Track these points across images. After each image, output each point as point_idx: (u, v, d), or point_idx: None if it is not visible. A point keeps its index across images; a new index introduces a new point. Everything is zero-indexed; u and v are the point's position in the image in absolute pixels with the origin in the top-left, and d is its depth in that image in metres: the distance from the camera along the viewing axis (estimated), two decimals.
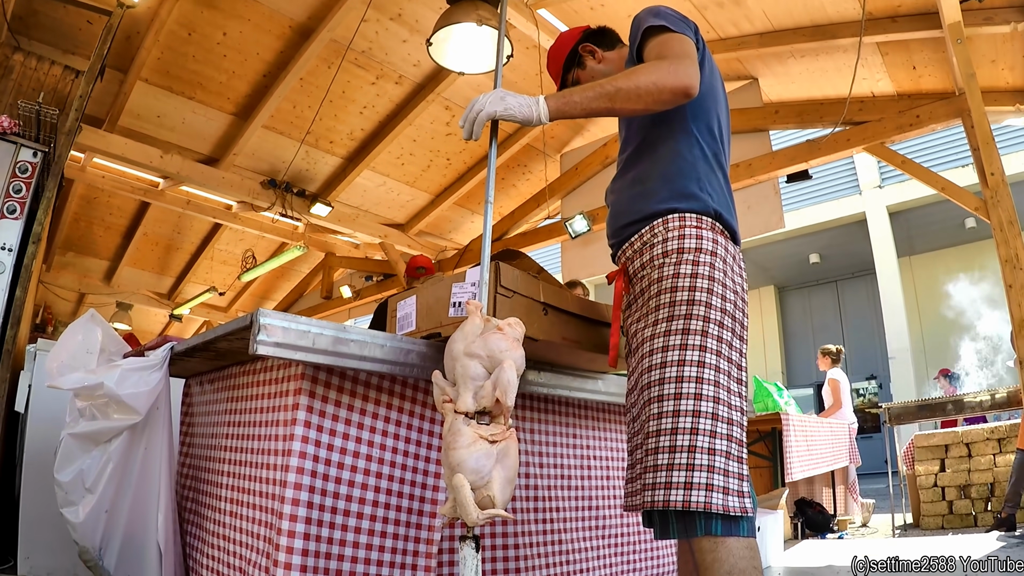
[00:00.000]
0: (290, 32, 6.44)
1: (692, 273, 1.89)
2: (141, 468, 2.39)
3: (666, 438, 1.74)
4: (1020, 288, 5.26)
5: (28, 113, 4.41)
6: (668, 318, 1.86)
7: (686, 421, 1.74)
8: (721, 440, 1.74)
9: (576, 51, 2.45)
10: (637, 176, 2.12)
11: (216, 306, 12.85)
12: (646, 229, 2.02)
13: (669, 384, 1.79)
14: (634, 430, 1.96)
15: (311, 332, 1.80)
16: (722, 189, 2.08)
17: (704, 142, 2.09)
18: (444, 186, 9.22)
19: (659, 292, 1.91)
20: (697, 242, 1.94)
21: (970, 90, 5.58)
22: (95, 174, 8.07)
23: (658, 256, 1.96)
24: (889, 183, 14.26)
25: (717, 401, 1.77)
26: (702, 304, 1.86)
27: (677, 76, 1.90)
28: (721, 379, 1.81)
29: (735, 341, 1.91)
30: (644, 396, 1.85)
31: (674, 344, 1.82)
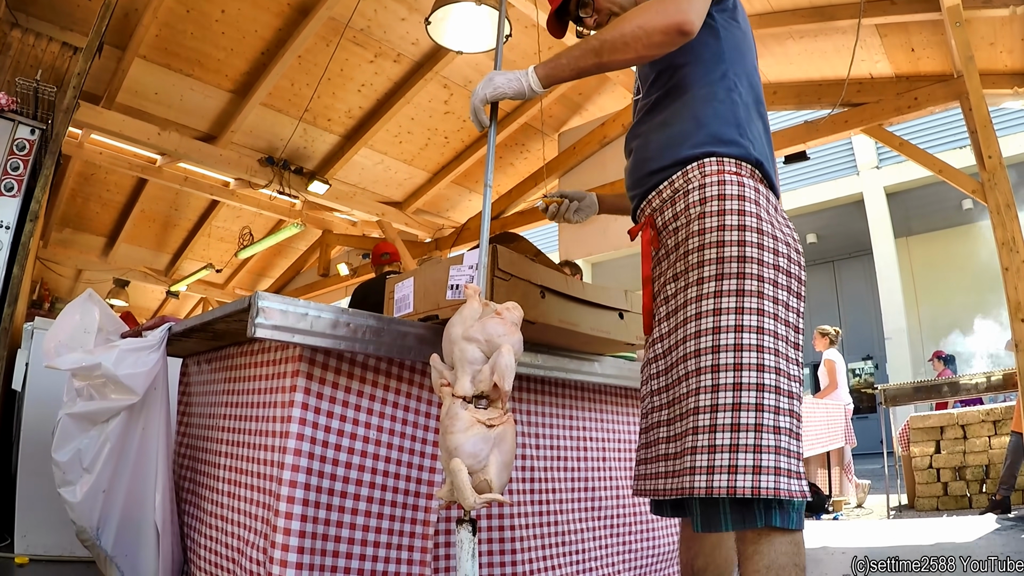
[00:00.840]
0: (288, 9, 6.41)
1: (739, 224, 1.68)
2: (139, 448, 2.40)
3: (726, 414, 1.55)
4: (1016, 271, 5.28)
5: (26, 90, 4.39)
6: (716, 276, 1.65)
7: (750, 396, 1.55)
8: (784, 417, 1.58)
9: None
10: (667, 119, 1.89)
11: (213, 283, 12.84)
12: (678, 175, 1.82)
13: (726, 353, 1.59)
14: (661, 402, 1.78)
15: (309, 315, 1.81)
16: (763, 139, 1.89)
17: (743, 87, 1.89)
18: (442, 164, 9.20)
19: (701, 246, 1.70)
20: (739, 188, 1.72)
21: (968, 73, 5.57)
22: (92, 150, 8.04)
23: (695, 204, 1.75)
24: (887, 164, 14.26)
25: (779, 372, 1.60)
26: (754, 261, 1.65)
27: (666, 13, 1.69)
28: (780, 347, 1.63)
29: (792, 300, 1.72)
30: (689, 366, 1.64)
31: (727, 307, 1.62)
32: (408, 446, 2.09)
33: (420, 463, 2.11)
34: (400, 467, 2.06)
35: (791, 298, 1.71)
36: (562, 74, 1.83)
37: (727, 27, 1.91)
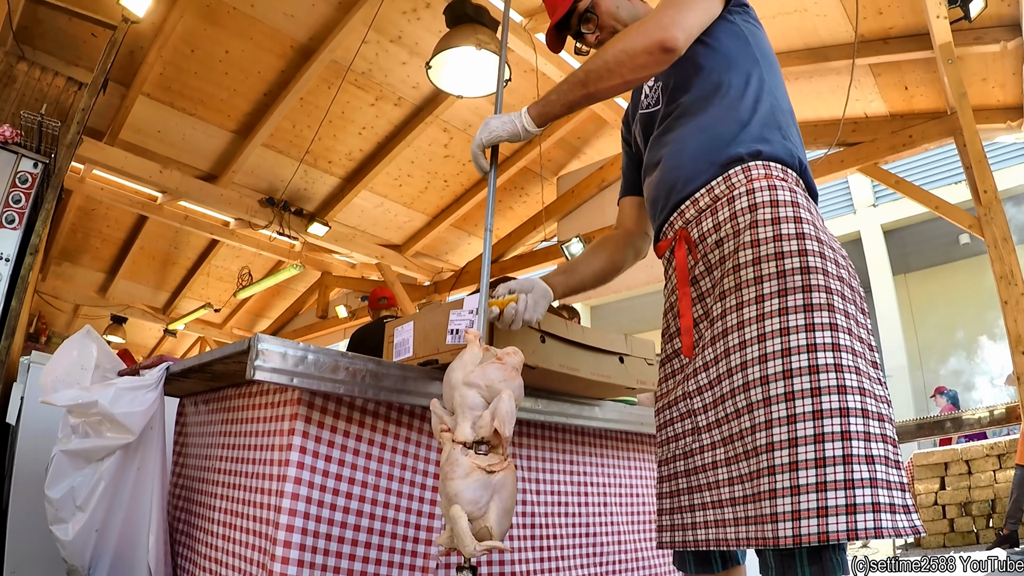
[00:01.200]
0: (291, 52, 6.50)
1: (798, 233, 1.51)
2: (133, 488, 2.38)
3: (808, 448, 1.36)
4: (1015, 303, 5.30)
5: (30, 124, 4.42)
6: (779, 292, 1.47)
7: (833, 424, 1.36)
8: (877, 444, 1.38)
9: None
10: (703, 123, 1.75)
11: (211, 322, 12.84)
12: (719, 180, 1.67)
13: (800, 378, 1.40)
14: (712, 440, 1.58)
15: (309, 358, 1.81)
16: (803, 147, 1.77)
17: (779, 92, 1.79)
18: (441, 208, 9.25)
19: (756, 259, 1.53)
20: (791, 195, 1.58)
21: (962, 109, 5.64)
22: (94, 186, 8.10)
23: (743, 211, 1.59)
24: (883, 202, 14.34)
25: (863, 393, 1.40)
26: (819, 272, 1.48)
27: (646, 33, 1.62)
28: (861, 364, 1.44)
29: (860, 316, 1.55)
30: (753, 396, 1.46)
31: (795, 325, 1.44)
32: (407, 491, 2.08)
33: (420, 509, 2.09)
34: (399, 513, 2.05)
35: (859, 313, 1.56)
36: (553, 110, 1.77)
37: (752, 31, 1.85)
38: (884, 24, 5.65)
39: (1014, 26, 5.36)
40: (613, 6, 1.99)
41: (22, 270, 4.12)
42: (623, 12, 1.99)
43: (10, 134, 4.19)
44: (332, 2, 6.01)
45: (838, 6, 5.53)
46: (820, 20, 5.74)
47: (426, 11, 6.12)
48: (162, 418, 2.42)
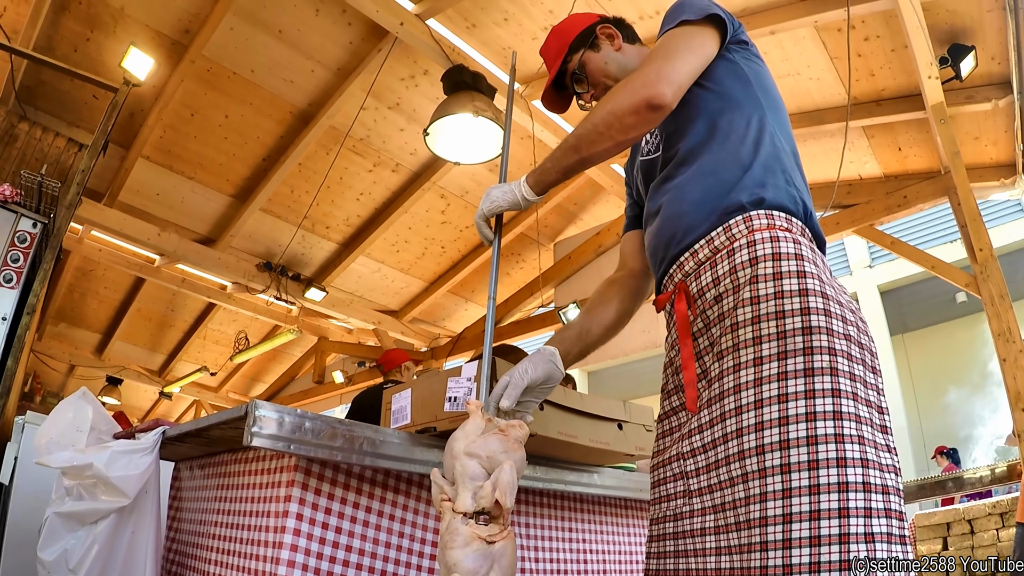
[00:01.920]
0: (290, 117, 6.58)
1: (800, 289, 1.42)
2: (127, 552, 2.35)
3: (802, 525, 1.27)
4: (1014, 361, 5.29)
5: (30, 183, 4.46)
6: (779, 355, 1.39)
7: (831, 500, 1.27)
8: (879, 520, 1.28)
9: (593, 31, 2.02)
10: (703, 168, 1.68)
11: (207, 386, 12.79)
12: (719, 231, 1.59)
13: (797, 449, 1.32)
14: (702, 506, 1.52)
15: (306, 424, 1.80)
16: (807, 191, 1.70)
17: (781, 134, 1.72)
18: (438, 274, 9.28)
19: (755, 318, 1.45)
20: (795, 247, 1.48)
21: (955, 168, 5.70)
22: (92, 247, 8.14)
23: (743, 265, 1.51)
24: (879, 262, 14.41)
25: (865, 464, 1.31)
26: (822, 332, 1.38)
27: (632, 92, 1.58)
28: (865, 432, 1.34)
29: (869, 376, 1.44)
30: (748, 465, 1.38)
31: (794, 391, 1.35)
32: (405, 559, 2.05)
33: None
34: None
35: (868, 373, 1.44)
36: (549, 178, 1.75)
37: (752, 67, 1.81)
38: (876, 86, 5.74)
39: (1005, 84, 5.44)
40: (602, 62, 1.99)
41: (18, 329, 4.12)
42: (612, 67, 1.99)
43: (10, 193, 4.23)
44: (331, 68, 6.11)
45: (831, 69, 5.62)
46: (813, 83, 5.83)
47: (424, 78, 6.22)
48: (157, 482, 2.40)
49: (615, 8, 5.25)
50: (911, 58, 5.06)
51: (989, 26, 5.03)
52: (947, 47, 5.13)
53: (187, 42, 5.76)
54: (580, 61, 2.00)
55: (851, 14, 4.86)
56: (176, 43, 5.77)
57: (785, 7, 5.12)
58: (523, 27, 5.59)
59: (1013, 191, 6.31)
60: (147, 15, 5.51)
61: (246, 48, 5.85)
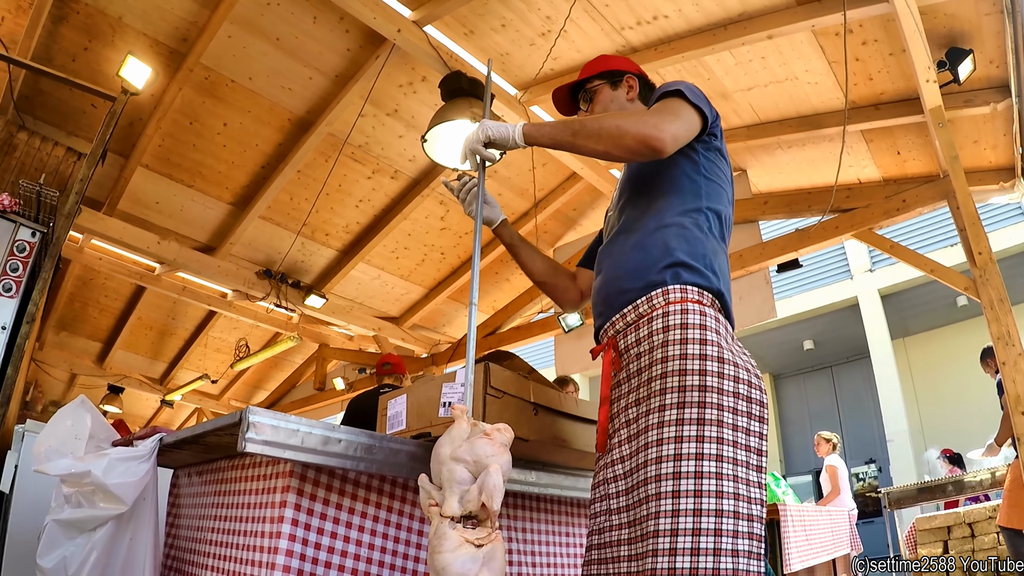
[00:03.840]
0: (289, 125, 6.58)
1: (701, 354, 1.75)
2: (125, 559, 2.35)
3: (686, 539, 1.59)
4: (1014, 364, 5.28)
5: (29, 193, 4.45)
6: (678, 404, 1.70)
7: (708, 522, 1.60)
8: (743, 540, 1.62)
9: (623, 75, 2.36)
10: (639, 242, 1.99)
11: (208, 393, 12.78)
12: (643, 300, 1.89)
13: (687, 480, 1.63)
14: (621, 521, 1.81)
15: (300, 431, 1.80)
16: (726, 273, 1.99)
17: (714, 222, 2.01)
18: (438, 280, 9.29)
19: (663, 374, 1.76)
20: (701, 318, 1.81)
21: (954, 172, 5.69)
22: (92, 255, 8.14)
23: (658, 331, 1.82)
24: (880, 266, 14.38)
25: (737, 498, 1.64)
26: (715, 390, 1.71)
27: (644, 124, 1.85)
28: (740, 472, 1.67)
29: (753, 425, 1.76)
30: (650, 490, 1.68)
31: (688, 435, 1.67)
32: (400, 564, 2.05)
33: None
34: None
35: (752, 422, 1.76)
36: (541, 139, 2.01)
37: (710, 166, 2.07)
38: (875, 90, 5.75)
39: (1003, 87, 5.44)
40: (609, 100, 2.32)
41: (18, 339, 4.11)
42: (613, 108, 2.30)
43: (9, 203, 4.22)
44: (329, 76, 6.12)
45: (829, 74, 5.63)
46: (811, 88, 5.84)
47: (422, 85, 6.23)
48: (155, 489, 2.40)
49: (612, 13, 5.27)
50: (909, 62, 5.06)
51: (987, 30, 5.03)
52: (945, 51, 5.12)
53: (185, 50, 5.77)
54: (596, 88, 2.34)
55: (848, 18, 4.87)
56: (174, 52, 5.78)
57: (783, 12, 5.12)
58: (520, 33, 5.60)
59: (1012, 195, 6.30)
60: (145, 24, 5.52)
61: (244, 56, 5.86)
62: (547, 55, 5.70)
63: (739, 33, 5.24)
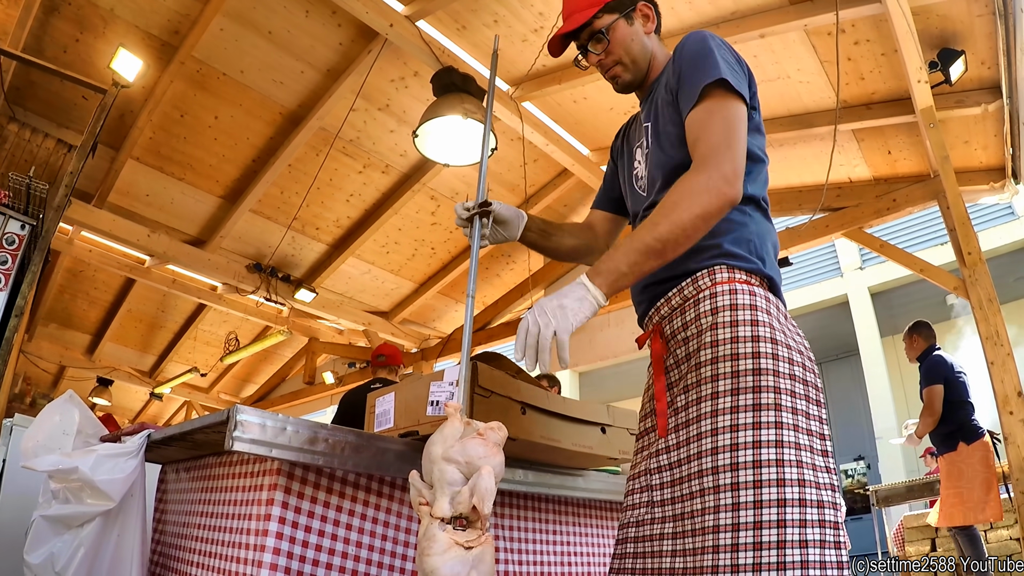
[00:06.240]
0: (280, 119, 6.57)
1: (752, 335, 1.64)
2: (113, 555, 2.34)
3: (748, 533, 1.49)
4: (1002, 364, 5.31)
5: (18, 185, 4.43)
6: (732, 391, 1.61)
7: (771, 513, 1.49)
8: (814, 529, 1.49)
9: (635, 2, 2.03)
10: None
11: (198, 387, 12.77)
12: (687, 282, 1.79)
13: (745, 470, 1.53)
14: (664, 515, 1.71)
15: (288, 429, 1.80)
16: (773, 258, 1.87)
17: (758, 202, 1.88)
18: (428, 275, 9.29)
19: (714, 359, 1.66)
20: (751, 298, 1.70)
21: (944, 172, 5.71)
22: (82, 248, 8.12)
23: (706, 313, 1.72)
24: (870, 264, 14.42)
25: (803, 484, 1.52)
26: (770, 373, 1.61)
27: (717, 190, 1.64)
28: (804, 457, 1.56)
29: (812, 409, 1.66)
30: (706, 482, 1.58)
31: (744, 423, 1.57)
32: (387, 562, 2.05)
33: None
34: None
35: (811, 406, 1.66)
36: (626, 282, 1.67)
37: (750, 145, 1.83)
38: (866, 89, 5.76)
39: (995, 88, 5.46)
40: (629, 37, 2.00)
41: (7, 332, 4.11)
42: (636, 47, 2.02)
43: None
44: (320, 70, 6.11)
45: (820, 73, 5.64)
46: (803, 87, 5.85)
47: (414, 80, 6.22)
48: (143, 485, 2.40)
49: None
50: (901, 62, 5.07)
51: (979, 31, 5.05)
52: (937, 51, 5.14)
53: (177, 43, 5.75)
54: (611, 25, 1.98)
55: (841, 18, 4.88)
56: (166, 44, 5.76)
57: (775, 11, 5.13)
58: (513, 29, 5.59)
59: (1002, 195, 6.32)
60: (136, 16, 5.50)
61: (236, 49, 5.84)
62: (540, 51, 5.69)
63: (732, 32, 5.25)
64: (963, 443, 5.80)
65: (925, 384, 5.99)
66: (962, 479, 5.75)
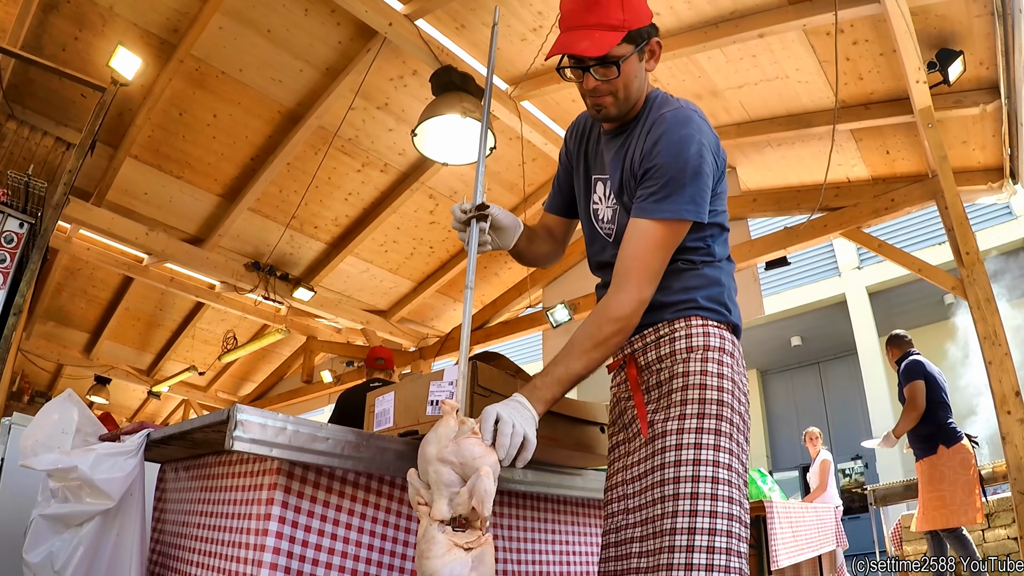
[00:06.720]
0: (279, 117, 6.57)
1: (719, 373, 1.89)
2: (112, 554, 2.34)
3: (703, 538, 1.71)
4: (1000, 364, 5.31)
5: (17, 183, 4.43)
6: (699, 415, 1.83)
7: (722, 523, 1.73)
8: (744, 543, 1.78)
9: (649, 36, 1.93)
10: None
11: (195, 385, 12.75)
12: (663, 323, 1.98)
13: (704, 483, 1.76)
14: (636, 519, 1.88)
15: (288, 429, 1.79)
16: (736, 304, 2.09)
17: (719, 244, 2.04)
18: (427, 274, 9.30)
19: (686, 387, 1.88)
20: (720, 342, 1.94)
21: (943, 172, 5.72)
22: (80, 246, 8.10)
23: (681, 351, 1.93)
24: (868, 264, 14.43)
25: (741, 505, 1.80)
26: (728, 406, 1.85)
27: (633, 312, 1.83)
28: (736, 481, 1.82)
29: (745, 445, 1.92)
30: (667, 490, 1.78)
31: (707, 443, 1.80)
32: (387, 562, 2.05)
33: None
34: None
35: (744, 443, 1.91)
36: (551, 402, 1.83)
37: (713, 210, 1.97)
38: (865, 89, 5.77)
39: (993, 89, 5.47)
40: (633, 74, 1.92)
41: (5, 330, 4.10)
42: (634, 85, 1.95)
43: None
44: (319, 69, 6.11)
45: (819, 73, 5.65)
46: (802, 87, 5.86)
47: (413, 79, 6.22)
48: (142, 484, 2.39)
49: None
50: (899, 62, 5.08)
51: (977, 31, 5.06)
52: (936, 52, 5.15)
53: (176, 41, 5.74)
54: (628, 57, 1.87)
55: (840, 18, 4.88)
56: (165, 42, 5.75)
57: (774, 11, 5.14)
58: (511, 28, 5.59)
59: (1000, 195, 6.34)
60: (135, 14, 5.49)
61: (235, 48, 5.84)
62: (538, 51, 5.69)
63: (730, 31, 5.26)
64: (943, 446, 5.89)
65: (905, 382, 6.10)
66: (943, 482, 5.81)
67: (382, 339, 9.94)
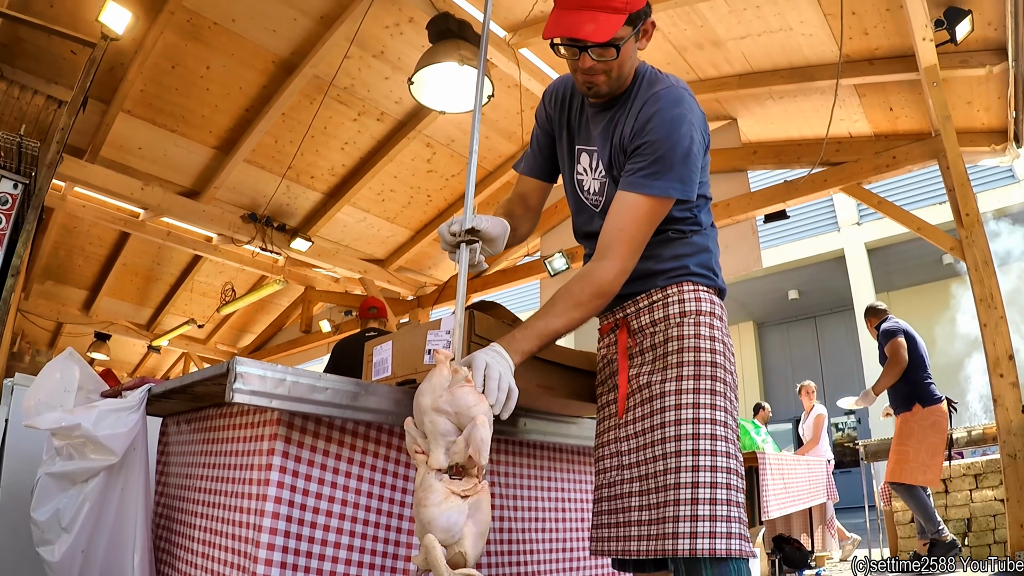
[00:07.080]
0: (273, 67, 6.49)
1: (711, 336, 1.96)
2: (118, 509, 2.37)
3: (706, 490, 1.80)
4: (995, 326, 5.33)
5: (9, 144, 4.39)
6: (695, 376, 1.91)
7: (722, 476, 1.82)
8: (741, 494, 1.86)
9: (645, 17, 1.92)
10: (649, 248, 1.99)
11: (195, 338, 12.79)
12: (655, 289, 2.06)
13: (704, 440, 1.85)
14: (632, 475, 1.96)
15: (287, 380, 1.80)
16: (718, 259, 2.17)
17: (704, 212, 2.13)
18: (424, 222, 9.28)
19: (681, 349, 1.95)
20: (711, 306, 2.02)
21: (946, 132, 5.69)
22: (76, 204, 8.05)
23: (675, 315, 2.00)
24: (867, 220, 14.43)
25: (732, 457, 1.87)
26: (721, 367, 1.94)
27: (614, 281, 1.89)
28: (731, 436, 1.90)
29: (735, 402, 2.01)
30: (668, 447, 1.87)
31: (704, 402, 1.88)
32: (386, 509, 2.07)
33: (398, 526, 2.09)
34: (378, 530, 2.05)
35: (734, 399, 2.00)
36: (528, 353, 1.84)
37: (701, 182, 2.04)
38: (870, 45, 5.70)
39: (1000, 50, 5.39)
40: (628, 55, 1.92)
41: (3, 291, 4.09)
42: (628, 65, 1.97)
43: None
44: (314, 17, 6.02)
45: (824, 26, 5.58)
46: (805, 39, 5.79)
47: (409, 26, 6.14)
48: (145, 439, 2.42)
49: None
50: (906, 19, 5.01)
51: None
52: (943, 10, 5.07)
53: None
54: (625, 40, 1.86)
55: None
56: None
57: None
58: None
59: (1003, 158, 6.30)
60: None
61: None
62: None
63: None
64: (919, 404, 6.06)
65: (886, 340, 6.27)
66: (911, 439, 5.98)
67: (380, 288, 9.95)
